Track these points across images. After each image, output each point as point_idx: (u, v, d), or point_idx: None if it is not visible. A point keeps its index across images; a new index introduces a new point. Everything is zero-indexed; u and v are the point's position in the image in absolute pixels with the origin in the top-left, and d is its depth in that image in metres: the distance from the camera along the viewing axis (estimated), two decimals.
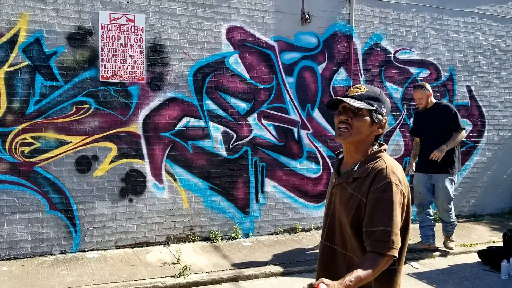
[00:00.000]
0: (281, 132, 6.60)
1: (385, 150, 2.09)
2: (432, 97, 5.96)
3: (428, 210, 5.97)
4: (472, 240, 6.38)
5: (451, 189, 5.86)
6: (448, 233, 6.04)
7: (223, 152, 6.29)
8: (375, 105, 2.01)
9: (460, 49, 7.73)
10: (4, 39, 5.24)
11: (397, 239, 1.89)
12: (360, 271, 1.83)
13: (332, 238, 2.09)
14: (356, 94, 2.02)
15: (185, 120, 6.07)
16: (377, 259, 1.86)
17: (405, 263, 5.66)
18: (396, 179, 1.95)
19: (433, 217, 6.09)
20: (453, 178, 5.86)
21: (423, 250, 5.95)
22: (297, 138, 6.69)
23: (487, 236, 6.76)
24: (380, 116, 2.02)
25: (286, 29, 6.55)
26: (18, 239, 5.38)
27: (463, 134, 5.87)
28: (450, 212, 5.92)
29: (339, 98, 2.01)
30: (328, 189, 2.23)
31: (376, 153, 2.04)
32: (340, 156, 2.22)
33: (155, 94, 5.91)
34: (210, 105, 6.19)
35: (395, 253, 1.88)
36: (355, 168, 2.03)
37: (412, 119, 7.41)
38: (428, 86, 5.90)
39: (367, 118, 2.00)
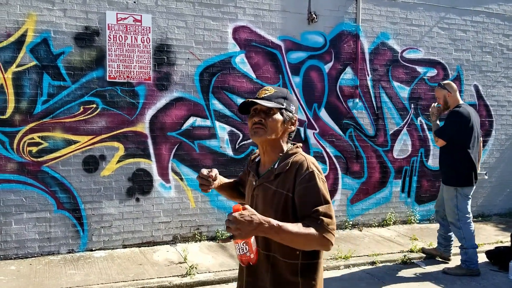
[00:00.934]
0: None
1: (300, 147, 2.18)
2: (456, 99, 5.37)
3: (440, 218, 5.65)
4: (480, 240, 6.33)
5: (454, 202, 5.27)
6: (445, 251, 5.68)
7: (229, 151, 6.29)
8: (285, 104, 2.11)
9: (468, 48, 7.68)
10: (12, 39, 5.27)
11: (332, 221, 1.95)
12: (292, 225, 1.86)
13: (256, 241, 2.04)
14: (266, 95, 2.10)
15: (191, 120, 6.08)
16: (312, 232, 1.89)
17: (412, 263, 5.64)
18: (317, 169, 2.04)
19: (446, 226, 5.61)
20: (460, 191, 5.26)
21: (434, 256, 5.78)
22: (304, 137, 6.68)
23: (495, 236, 6.73)
24: (290, 114, 2.13)
25: (293, 29, 6.54)
26: (26, 239, 5.41)
27: (436, 139, 5.39)
28: (458, 229, 5.27)
29: (250, 100, 2.08)
30: (247, 193, 2.27)
31: (293, 150, 2.13)
32: (257, 159, 2.27)
33: (161, 94, 5.92)
34: (217, 104, 6.19)
35: (329, 228, 1.93)
36: (275, 166, 2.10)
37: (419, 118, 7.38)
38: (449, 86, 5.40)
39: (279, 116, 2.09)
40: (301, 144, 2.22)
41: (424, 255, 5.83)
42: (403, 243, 6.32)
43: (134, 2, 5.73)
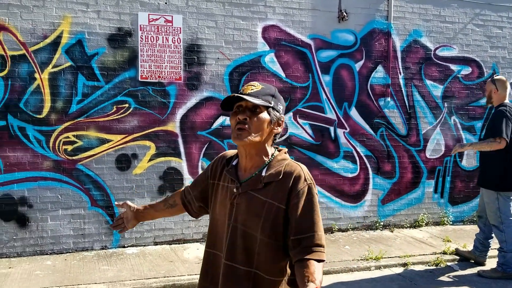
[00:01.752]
0: (317, 131, 6.55)
1: (286, 152, 2.01)
2: (501, 98, 5.15)
3: (482, 224, 5.44)
4: None
5: (495, 205, 5.07)
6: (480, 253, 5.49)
7: None
8: (272, 102, 1.90)
9: (504, 45, 7.45)
10: (48, 40, 5.42)
11: (325, 243, 1.86)
12: (316, 276, 1.72)
13: (234, 257, 1.88)
14: (252, 91, 1.87)
15: (221, 119, 6.12)
16: (320, 266, 1.78)
17: (446, 265, 5.51)
18: (313, 182, 1.88)
19: (486, 233, 5.41)
20: (501, 193, 5.06)
21: (468, 259, 5.62)
22: (334, 137, 6.62)
23: None
24: (277, 114, 1.92)
25: (323, 27, 6.49)
26: (61, 235, 5.56)
27: (497, 144, 4.96)
28: (501, 232, 5.08)
29: (236, 95, 1.85)
30: (222, 200, 1.98)
31: (281, 155, 1.95)
32: (233, 162, 2.01)
33: (192, 94, 5.98)
34: None
35: (325, 258, 1.84)
36: (263, 173, 1.89)
37: (453, 117, 7.21)
38: (499, 83, 5.14)
39: (266, 116, 1.87)
40: (286, 149, 2.04)
41: (457, 257, 5.69)
42: (435, 244, 6.18)
43: (165, 3, 5.81)
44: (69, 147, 5.54)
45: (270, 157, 1.94)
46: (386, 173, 6.93)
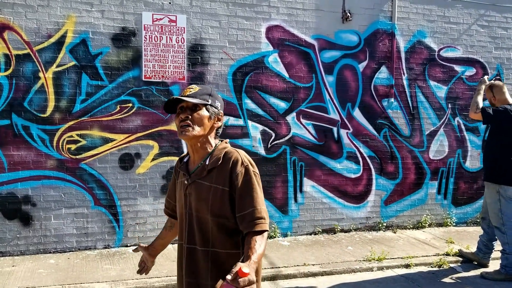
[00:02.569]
0: (320, 132, 6.54)
1: (227, 142, 2.25)
2: (502, 102, 5.16)
3: (485, 225, 5.41)
4: None
5: (497, 206, 5.07)
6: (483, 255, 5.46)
7: (261, 151, 6.30)
8: (209, 100, 2.15)
9: (509, 47, 7.42)
10: (52, 40, 5.44)
11: (267, 214, 2.05)
12: (257, 249, 1.92)
13: (193, 240, 2.13)
14: (190, 93, 2.13)
15: (224, 119, 6.10)
16: (262, 236, 1.98)
17: (449, 266, 5.50)
18: (250, 163, 2.10)
19: (490, 234, 5.38)
20: (502, 194, 5.04)
21: (471, 260, 5.60)
22: (337, 137, 6.62)
23: None
24: (216, 110, 2.17)
25: (326, 27, 6.49)
26: (64, 233, 5.58)
27: (474, 110, 5.09)
28: (503, 234, 5.06)
29: (175, 97, 2.10)
30: (179, 194, 2.25)
31: (222, 145, 2.19)
32: (185, 159, 2.30)
33: None
34: (249, 104, 6.21)
35: (268, 227, 2.04)
36: (207, 162, 2.13)
37: (457, 118, 7.19)
38: (496, 90, 5.18)
39: (205, 112, 2.13)
40: (228, 140, 2.30)
41: (460, 259, 5.67)
42: (438, 246, 6.17)
43: (169, 3, 5.82)
44: (73, 146, 5.56)
45: (213, 148, 2.18)
46: (389, 174, 6.91)
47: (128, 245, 5.81)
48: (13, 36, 5.32)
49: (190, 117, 2.10)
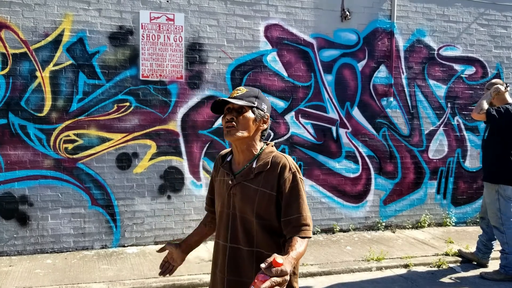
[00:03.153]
0: (319, 131, 6.51)
1: (273, 145, 2.27)
2: (501, 102, 5.16)
3: (484, 225, 5.40)
4: None
5: (496, 206, 5.06)
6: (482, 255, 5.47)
7: None
8: (256, 102, 2.16)
9: (508, 45, 7.39)
10: (49, 38, 5.41)
11: (311, 221, 2.09)
12: (297, 248, 1.97)
13: (237, 239, 2.16)
14: (237, 94, 2.16)
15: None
16: (303, 241, 2.02)
17: (448, 267, 5.48)
18: (297, 170, 2.14)
19: (489, 234, 5.37)
20: (501, 193, 5.03)
21: (470, 260, 5.58)
22: (336, 137, 6.59)
23: None
24: (262, 112, 2.18)
25: (325, 26, 6.46)
26: (62, 233, 5.55)
27: (477, 111, 5.09)
28: (501, 234, 5.05)
29: (222, 99, 2.14)
30: (219, 193, 2.27)
31: (268, 148, 2.22)
32: (228, 159, 2.30)
33: (193, 92, 5.95)
34: None
35: (311, 234, 2.08)
36: (253, 165, 2.16)
37: (456, 118, 7.16)
38: (495, 90, 5.14)
39: (250, 114, 2.14)
40: (273, 143, 2.30)
41: (459, 259, 5.64)
42: (438, 246, 6.14)
43: (167, 1, 5.79)
44: (70, 146, 5.53)
45: (259, 150, 2.20)
46: (388, 173, 6.88)
47: (126, 245, 5.78)
48: (10, 35, 5.29)
49: (235, 118, 2.12)
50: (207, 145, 6.04)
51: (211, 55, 6.00)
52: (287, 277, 1.78)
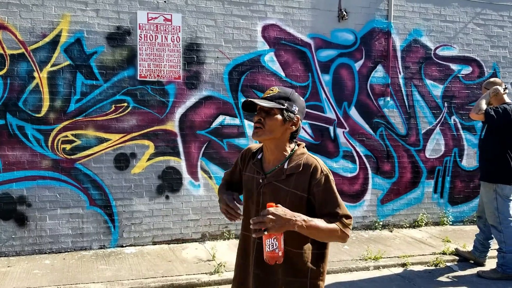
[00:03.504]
0: (316, 131, 6.53)
1: (304, 147, 2.29)
2: (499, 101, 5.18)
3: (481, 224, 5.42)
4: None
5: (494, 205, 5.08)
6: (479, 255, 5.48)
7: None
8: (286, 104, 2.15)
9: (505, 45, 7.43)
10: (47, 39, 5.41)
11: (350, 215, 2.12)
12: (319, 221, 2.03)
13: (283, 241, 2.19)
14: (269, 95, 2.17)
15: (220, 118, 6.10)
16: (333, 224, 2.06)
17: (445, 265, 5.50)
18: (328, 172, 2.19)
19: (486, 233, 5.38)
20: (499, 192, 5.06)
21: (468, 259, 5.60)
22: (333, 136, 6.61)
23: None
24: (291, 114, 2.17)
25: (323, 26, 6.47)
26: (60, 234, 5.56)
27: (476, 111, 5.11)
28: (499, 233, 5.07)
29: (250, 100, 2.16)
30: (248, 188, 2.31)
31: (300, 150, 2.24)
32: (259, 156, 2.32)
33: (191, 93, 5.96)
34: None
35: (350, 232, 2.12)
36: (285, 166, 2.18)
37: (453, 117, 7.19)
38: (493, 91, 5.15)
39: (279, 116, 2.14)
40: (304, 144, 2.32)
41: (457, 258, 5.67)
42: (435, 245, 6.17)
43: (165, 1, 5.79)
44: (68, 146, 5.54)
45: (290, 151, 2.22)
46: (386, 173, 6.91)
47: (124, 245, 5.79)
48: (7, 35, 5.29)
49: (263, 120, 2.14)
50: (205, 145, 6.05)
51: (208, 55, 6.02)
52: (278, 221, 1.91)
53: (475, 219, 7.23)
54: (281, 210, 1.96)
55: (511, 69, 7.48)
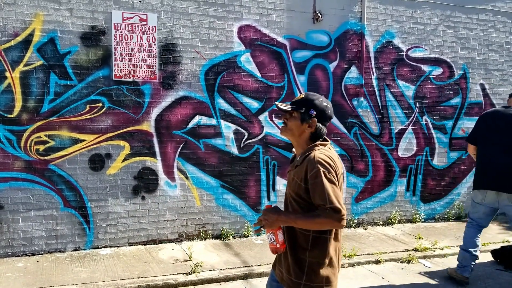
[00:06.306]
0: None
1: (324, 145, 2.51)
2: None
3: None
4: (486, 239, 6.33)
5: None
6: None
7: (234, 150, 6.32)
8: (304, 108, 2.50)
9: (474, 47, 7.65)
10: (19, 39, 5.32)
11: (338, 206, 2.28)
12: (306, 216, 2.36)
13: (287, 208, 2.61)
14: (294, 100, 2.57)
15: (197, 119, 6.11)
16: (317, 214, 2.32)
17: (417, 262, 5.64)
18: (322, 167, 2.34)
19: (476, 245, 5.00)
20: (472, 194, 5.07)
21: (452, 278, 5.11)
22: None
23: (500, 235, 6.71)
24: (306, 117, 2.50)
25: (298, 28, 6.55)
26: (33, 236, 5.47)
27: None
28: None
29: (275, 103, 2.63)
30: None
31: (311, 146, 2.49)
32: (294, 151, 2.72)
33: (167, 93, 5.95)
34: (222, 103, 6.22)
35: (342, 220, 2.30)
36: (298, 158, 2.53)
37: (424, 117, 7.37)
38: None
39: (297, 118, 2.51)
40: (328, 143, 2.55)
41: (428, 254, 5.82)
42: (407, 242, 6.32)
43: (140, 1, 5.77)
44: (41, 147, 5.45)
45: (306, 147, 2.51)
46: (360, 171, 7.04)
47: (99, 246, 5.74)
48: None
49: (286, 120, 2.55)
50: (182, 145, 6.05)
51: (184, 55, 6.01)
52: (269, 218, 2.43)
53: (446, 216, 7.45)
54: (273, 210, 2.47)
55: (480, 70, 7.71)
